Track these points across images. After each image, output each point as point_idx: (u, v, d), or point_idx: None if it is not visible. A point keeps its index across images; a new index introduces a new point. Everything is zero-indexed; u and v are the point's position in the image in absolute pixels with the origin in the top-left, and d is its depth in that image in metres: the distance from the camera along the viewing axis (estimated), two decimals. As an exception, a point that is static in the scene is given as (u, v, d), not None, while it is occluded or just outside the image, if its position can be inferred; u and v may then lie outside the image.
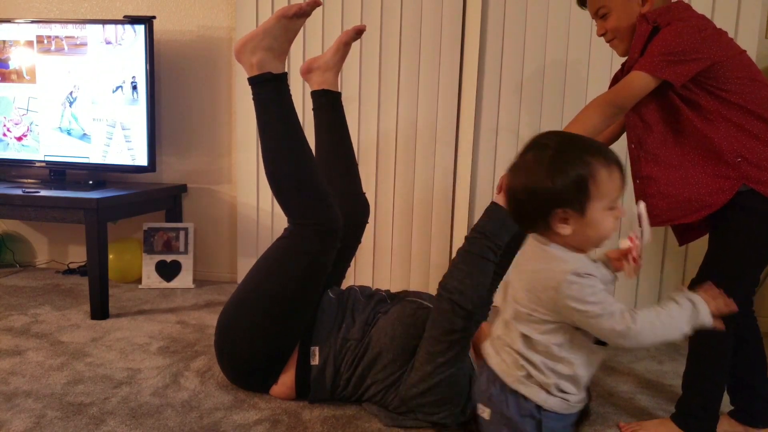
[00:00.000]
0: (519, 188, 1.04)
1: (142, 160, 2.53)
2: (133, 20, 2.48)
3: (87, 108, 2.56)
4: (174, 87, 2.76)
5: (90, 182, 2.55)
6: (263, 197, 2.68)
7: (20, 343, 1.97)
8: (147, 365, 1.82)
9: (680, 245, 1.58)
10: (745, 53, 1.40)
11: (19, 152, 2.65)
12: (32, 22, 2.57)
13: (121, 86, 2.51)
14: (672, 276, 2.39)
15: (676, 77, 1.32)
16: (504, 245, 1.44)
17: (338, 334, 1.58)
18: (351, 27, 1.85)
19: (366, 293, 1.72)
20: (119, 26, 2.48)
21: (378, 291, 1.73)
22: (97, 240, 2.21)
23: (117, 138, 2.54)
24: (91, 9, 2.80)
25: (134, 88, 2.50)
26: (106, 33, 2.50)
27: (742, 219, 1.36)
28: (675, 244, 1.68)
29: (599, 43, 1.55)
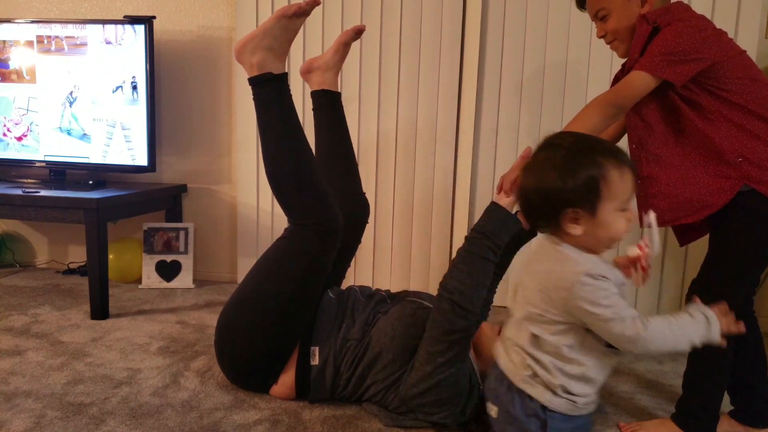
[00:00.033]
0: (531, 188, 1.04)
1: (142, 160, 2.53)
2: (133, 20, 2.48)
3: (87, 108, 2.56)
4: (174, 87, 2.76)
5: (90, 182, 2.55)
6: (263, 197, 2.68)
7: (20, 343, 1.97)
8: (147, 365, 1.82)
9: (681, 246, 1.58)
10: (745, 53, 1.40)
11: (19, 152, 2.65)
12: (32, 22, 2.57)
13: (121, 86, 2.51)
14: (672, 276, 2.39)
15: (677, 77, 1.32)
16: (504, 245, 1.44)
17: (338, 334, 1.57)
18: (351, 27, 1.85)
19: (366, 293, 1.72)
20: (119, 26, 2.48)
21: (378, 291, 1.73)
22: (97, 240, 2.21)
23: (117, 138, 2.54)
24: (91, 9, 2.80)
25: (134, 88, 2.50)
26: (106, 33, 2.50)
27: (743, 219, 1.36)
28: (675, 244, 1.68)
29: (599, 43, 1.55)
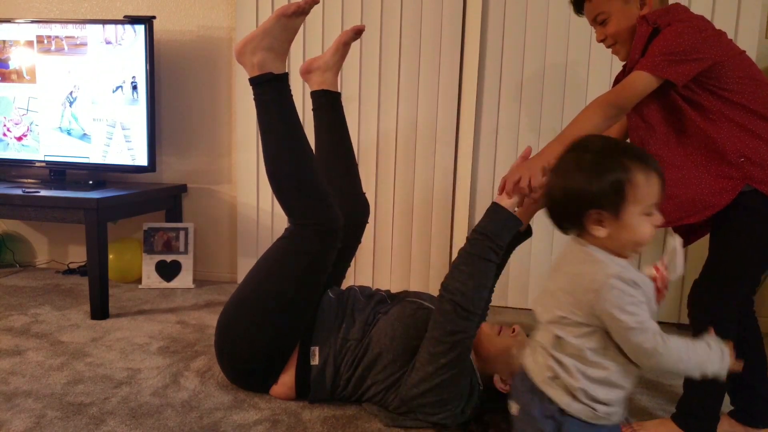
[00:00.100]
0: (556, 188, 1.04)
1: (142, 160, 2.53)
2: (133, 20, 2.48)
3: (87, 108, 2.56)
4: (174, 87, 2.76)
5: (90, 182, 2.55)
6: (263, 197, 2.68)
7: (20, 343, 1.97)
8: (147, 365, 1.82)
9: (683, 246, 1.57)
10: (745, 53, 1.40)
11: (19, 152, 2.65)
12: (32, 22, 2.57)
13: (121, 86, 2.51)
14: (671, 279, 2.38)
15: (678, 77, 1.32)
16: (506, 246, 1.44)
17: (338, 335, 1.57)
18: (350, 27, 1.85)
19: (366, 293, 1.72)
20: (119, 26, 2.48)
21: (378, 291, 1.73)
22: (97, 240, 2.21)
23: (117, 138, 2.54)
24: (91, 9, 2.80)
25: (134, 88, 2.50)
26: (106, 33, 2.50)
27: (745, 219, 1.36)
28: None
29: (599, 44, 1.55)
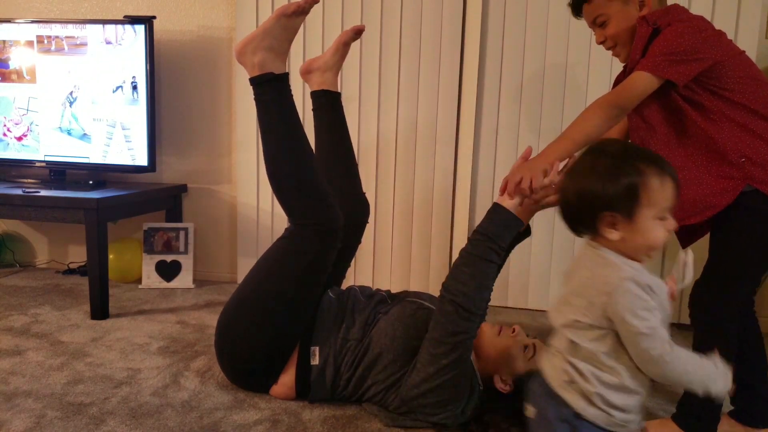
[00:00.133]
0: (571, 190, 1.05)
1: (142, 160, 2.53)
2: (133, 20, 2.48)
3: (87, 108, 2.56)
4: (174, 87, 2.76)
5: (90, 182, 2.55)
6: (263, 197, 2.68)
7: (20, 343, 1.97)
8: (147, 365, 1.82)
9: (683, 247, 1.57)
10: (744, 53, 1.40)
11: (19, 152, 2.65)
12: (32, 22, 2.57)
13: (121, 86, 2.51)
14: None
15: (679, 77, 1.32)
16: (507, 247, 1.44)
17: (338, 335, 1.57)
18: (350, 27, 1.85)
19: (366, 293, 1.72)
20: (119, 26, 2.48)
21: (378, 291, 1.73)
22: (97, 240, 2.21)
23: (117, 138, 2.54)
24: (91, 9, 2.80)
25: (134, 88, 2.50)
26: (106, 33, 2.50)
27: (745, 219, 1.36)
28: (675, 245, 1.67)
29: (599, 45, 1.55)
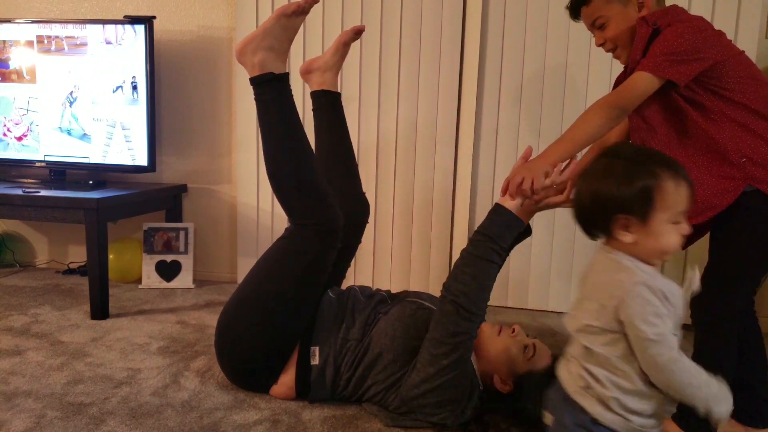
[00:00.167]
0: (585, 193, 1.05)
1: (142, 160, 2.53)
2: (133, 20, 2.48)
3: (87, 108, 2.56)
4: (174, 87, 2.76)
5: (90, 182, 2.55)
6: (263, 197, 2.68)
7: (20, 343, 1.97)
8: (147, 365, 1.82)
9: (683, 248, 1.57)
10: (744, 53, 1.40)
11: (19, 152, 2.65)
12: (32, 22, 2.57)
13: (121, 86, 2.51)
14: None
15: (680, 77, 1.32)
16: (508, 247, 1.44)
17: (338, 335, 1.57)
18: (350, 27, 1.85)
19: (366, 293, 1.72)
20: (119, 26, 2.48)
21: (378, 291, 1.73)
22: (97, 240, 2.21)
23: (117, 138, 2.54)
24: (91, 9, 2.80)
25: (134, 88, 2.50)
26: (106, 33, 2.50)
27: (746, 219, 1.36)
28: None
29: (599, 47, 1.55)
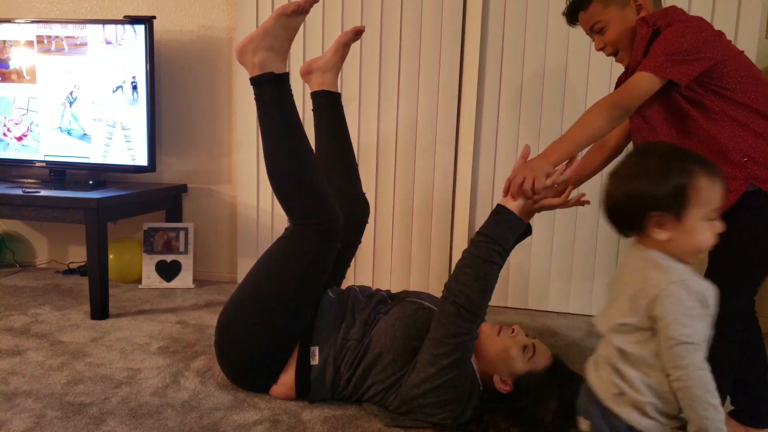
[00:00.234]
0: (618, 192, 1.03)
1: (142, 160, 2.53)
2: (133, 20, 2.48)
3: (87, 108, 2.56)
4: (174, 87, 2.76)
5: (90, 182, 2.55)
6: (263, 197, 2.68)
7: (20, 343, 1.97)
8: (147, 365, 1.82)
9: None
10: (744, 53, 1.40)
11: (19, 152, 2.65)
12: (32, 22, 2.57)
13: (121, 86, 2.51)
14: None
15: (681, 77, 1.32)
16: (511, 248, 1.44)
17: (338, 334, 1.57)
18: (350, 28, 1.85)
19: (366, 293, 1.72)
20: (119, 26, 2.48)
21: (378, 291, 1.73)
22: (97, 240, 2.21)
23: (117, 138, 2.54)
24: (91, 9, 2.80)
25: (134, 88, 2.50)
26: (106, 33, 2.50)
27: (748, 219, 1.36)
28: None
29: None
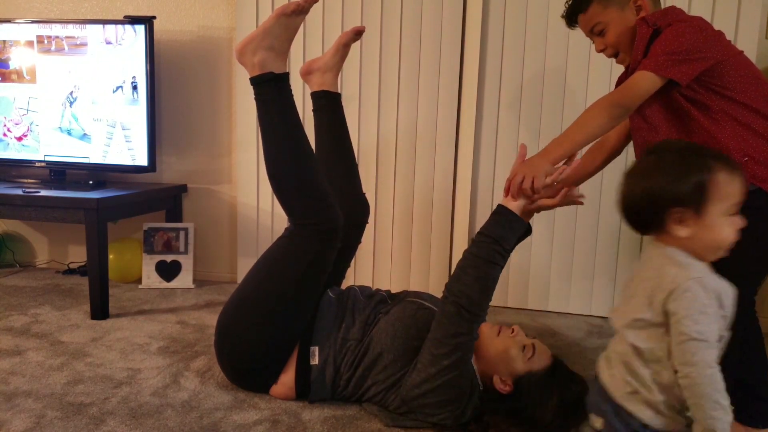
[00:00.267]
0: (636, 190, 1.02)
1: (142, 160, 2.53)
2: (133, 20, 2.48)
3: (87, 108, 2.56)
4: (174, 87, 2.76)
5: (90, 182, 2.55)
6: (263, 197, 2.68)
7: (20, 343, 1.97)
8: (147, 365, 1.82)
9: None
10: (743, 53, 1.40)
11: (19, 152, 2.65)
12: (32, 22, 2.57)
13: (122, 86, 2.51)
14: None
15: (682, 76, 1.32)
16: (512, 248, 1.44)
17: (338, 334, 1.57)
18: (350, 28, 1.85)
19: (366, 293, 1.72)
20: (119, 26, 2.48)
21: (378, 291, 1.73)
22: (97, 240, 2.21)
23: (117, 138, 2.54)
24: (91, 9, 2.80)
25: (134, 88, 2.50)
26: (107, 33, 2.50)
27: (748, 218, 1.35)
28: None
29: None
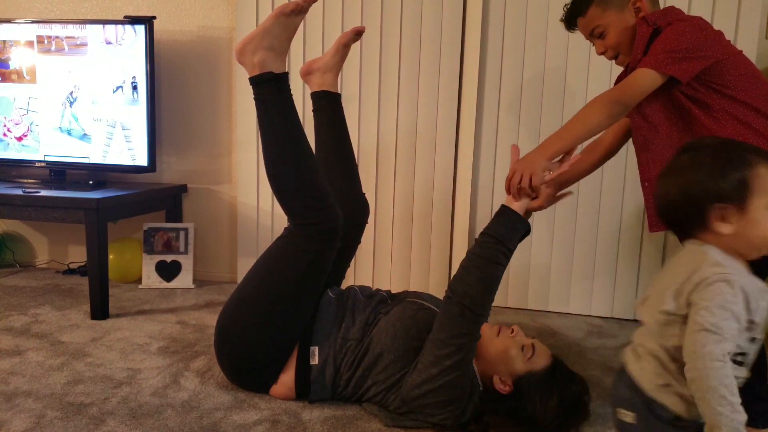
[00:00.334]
0: (674, 189, 0.99)
1: (142, 160, 2.53)
2: (134, 20, 2.48)
3: (87, 108, 2.56)
4: (174, 87, 2.76)
5: (90, 182, 2.55)
6: (263, 197, 2.68)
7: (20, 343, 1.97)
8: (147, 365, 1.82)
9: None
10: (742, 53, 1.40)
11: (19, 152, 2.65)
12: (32, 22, 2.57)
13: (122, 86, 2.51)
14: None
15: (682, 74, 1.32)
16: (514, 249, 1.44)
17: (338, 334, 1.57)
18: (350, 28, 1.85)
19: (366, 293, 1.72)
20: (119, 26, 2.48)
21: (378, 291, 1.73)
22: (97, 240, 2.21)
23: (117, 138, 2.54)
24: (91, 9, 2.80)
25: (134, 88, 2.50)
26: (107, 33, 2.50)
27: None
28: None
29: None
